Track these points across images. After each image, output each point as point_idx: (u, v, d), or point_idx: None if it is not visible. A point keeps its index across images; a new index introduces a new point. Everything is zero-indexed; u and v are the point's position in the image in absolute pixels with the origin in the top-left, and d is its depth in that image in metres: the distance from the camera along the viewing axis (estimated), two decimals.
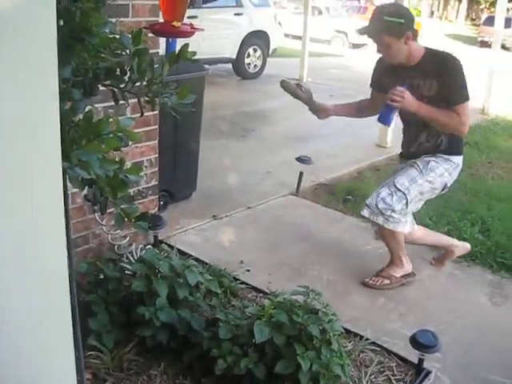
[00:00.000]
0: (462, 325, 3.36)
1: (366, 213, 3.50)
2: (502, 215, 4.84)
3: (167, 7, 1.82)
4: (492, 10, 33.76)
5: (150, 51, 3.22)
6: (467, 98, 3.30)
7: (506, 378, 2.90)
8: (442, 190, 3.57)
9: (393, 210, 3.42)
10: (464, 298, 3.64)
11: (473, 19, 50.58)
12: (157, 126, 3.63)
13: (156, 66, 1.91)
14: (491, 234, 4.45)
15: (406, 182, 3.43)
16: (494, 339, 3.24)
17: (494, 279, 3.89)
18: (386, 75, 3.53)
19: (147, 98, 1.84)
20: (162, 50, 3.68)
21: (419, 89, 3.38)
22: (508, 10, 39.39)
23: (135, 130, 3.43)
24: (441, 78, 3.30)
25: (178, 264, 2.79)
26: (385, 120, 3.36)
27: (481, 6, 49.25)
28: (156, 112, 3.56)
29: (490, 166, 6.49)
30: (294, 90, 3.62)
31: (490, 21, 18.31)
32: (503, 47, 27.82)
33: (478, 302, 3.62)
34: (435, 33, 33.73)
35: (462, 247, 3.95)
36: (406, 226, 3.54)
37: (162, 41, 4.30)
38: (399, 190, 3.42)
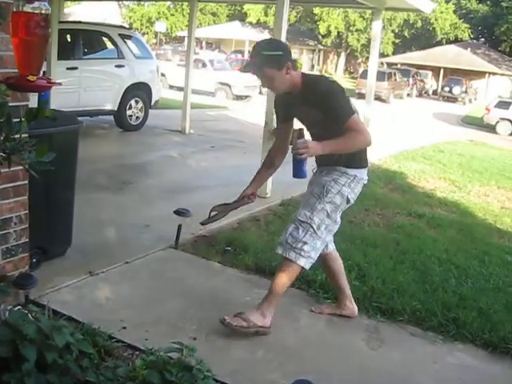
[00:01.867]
0: (340, 371, 3.42)
1: (279, 250, 3.57)
2: (377, 261, 5.00)
3: (22, 61, 1.77)
4: (368, 64, 35.71)
5: (19, 104, 3.16)
6: (352, 112, 3.39)
7: None
8: (347, 203, 3.65)
9: (304, 243, 3.50)
10: (342, 344, 3.71)
11: (351, 72, 53.09)
12: (26, 182, 3.50)
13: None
14: (367, 279, 4.56)
15: (308, 212, 3.53)
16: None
17: (371, 324, 3.98)
18: (284, 107, 3.69)
19: (4, 155, 1.78)
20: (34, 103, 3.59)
21: (310, 117, 3.51)
22: (382, 63, 41.88)
23: (2, 186, 3.33)
24: (320, 103, 3.41)
25: (46, 325, 2.65)
26: (300, 174, 3.40)
27: (358, 60, 51.86)
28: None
29: (366, 214, 6.72)
30: (216, 217, 3.78)
31: (366, 74, 19.31)
32: (379, 99, 29.52)
33: (356, 347, 3.69)
34: None
35: (352, 309, 4.03)
36: (310, 263, 3.60)
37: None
38: (303, 222, 3.52)
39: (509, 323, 3.99)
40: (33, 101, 3.45)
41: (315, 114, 3.47)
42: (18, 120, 1.86)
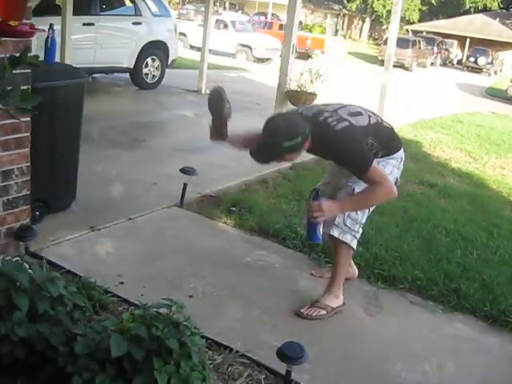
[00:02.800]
0: (335, 335, 3.42)
1: (335, 232, 3.45)
2: (382, 228, 4.95)
3: (3, 5, 1.73)
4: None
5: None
6: (369, 163, 3.17)
7: None
8: (395, 184, 3.57)
9: (361, 224, 3.48)
10: (340, 309, 3.69)
11: (375, 39, 52.23)
12: (28, 134, 3.49)
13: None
14: (370, 245, 4.52)
15: None
16: (367, 350, 3.31)
17: (371, 290, 3.97)
18: None
19: None
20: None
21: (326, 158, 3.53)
22: (408, 31, 41.09)
23: (3, 138, 3.32)
24: (334, 158, 3.38)
25: (40, 276, 2.67)
26: (313, 238, 3.32)
27: (383, 27, 51.00)
28: (28, 119, 3.42)
29: None
30: (222, 102, 3.42)
31: None
32: (402, 66, 29.09)
33: (354, 312, 3.68)
34: (338, 50, 34.78)
35: (353, 272, 4.02)
36: None
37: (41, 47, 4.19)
38: None
39: (511, 296, 3.96)
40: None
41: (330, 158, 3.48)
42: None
